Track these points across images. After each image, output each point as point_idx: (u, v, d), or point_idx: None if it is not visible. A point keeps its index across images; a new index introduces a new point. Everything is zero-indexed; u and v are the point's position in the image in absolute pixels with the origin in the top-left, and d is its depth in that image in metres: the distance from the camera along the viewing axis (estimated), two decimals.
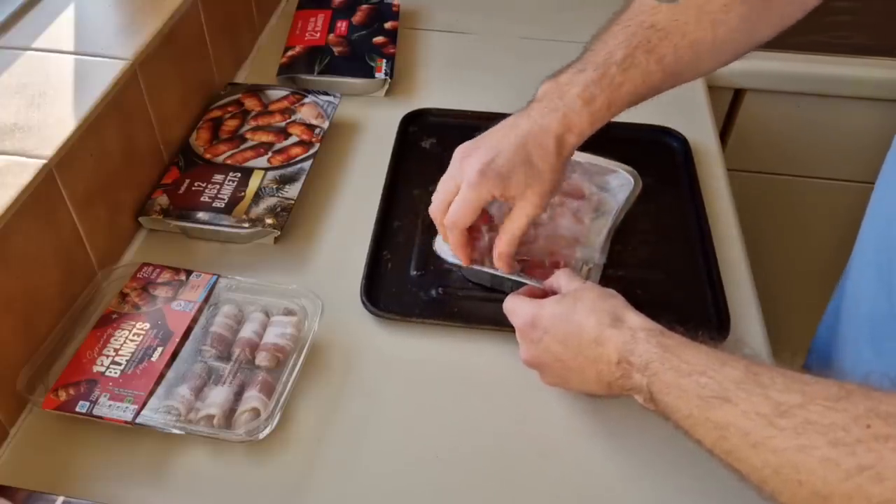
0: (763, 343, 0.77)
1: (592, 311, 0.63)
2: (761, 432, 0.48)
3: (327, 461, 0.67)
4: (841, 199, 1.36)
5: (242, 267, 0.82)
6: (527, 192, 0.69)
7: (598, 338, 0.61)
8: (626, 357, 0.59)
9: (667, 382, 0.56)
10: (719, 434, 0.51)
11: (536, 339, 0.66)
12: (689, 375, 0.54)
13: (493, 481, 0.66)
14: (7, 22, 0.83)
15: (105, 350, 0.70)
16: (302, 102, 0.99)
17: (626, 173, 0.85)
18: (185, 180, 0.87)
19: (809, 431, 0.46)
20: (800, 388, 0.48)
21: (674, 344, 0.58)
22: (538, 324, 0.65)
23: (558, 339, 0.64)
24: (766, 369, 0.51)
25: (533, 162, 0.69)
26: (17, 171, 0.67)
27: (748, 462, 0.49)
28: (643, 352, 0.58)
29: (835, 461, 0.44)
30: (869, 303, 0.68)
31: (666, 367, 0.56)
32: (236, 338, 0.72)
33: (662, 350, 0.57)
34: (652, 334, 0.59)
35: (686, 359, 0.56)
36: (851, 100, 1.23)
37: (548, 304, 0.66)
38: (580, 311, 0.63)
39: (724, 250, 0.85)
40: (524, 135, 0.70)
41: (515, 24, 1.21)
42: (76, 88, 0.77)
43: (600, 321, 0.62)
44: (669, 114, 1.01)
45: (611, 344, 0.60)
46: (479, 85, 1.09)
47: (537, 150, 0.69)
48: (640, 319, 0.62)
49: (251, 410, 0.66)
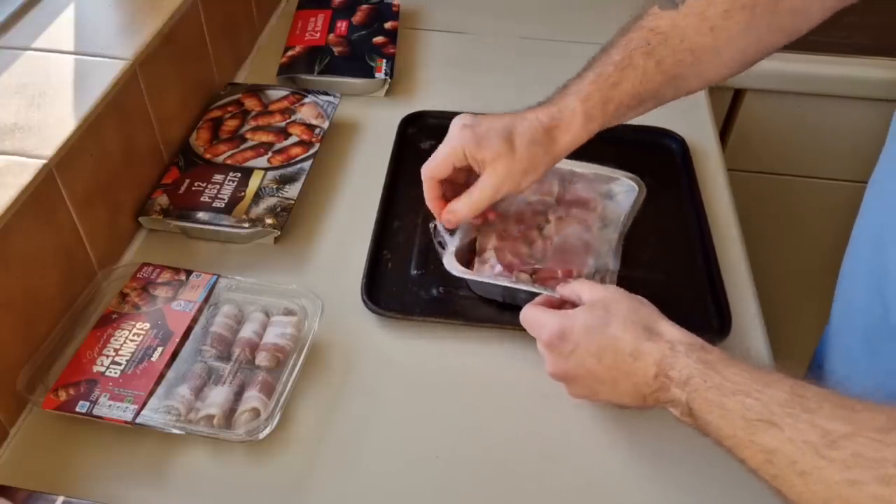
0: (763, 343, 0.77)
1: (627, 323, 0.62)
2: (809, 461, 0.47)
3: (327, 461, 0.67)
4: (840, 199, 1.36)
5: (242, 267, 0.82)
6: (496, 161, 0.70)
7: (634, 351, 0.60)
8: (666, 371, 0.58)
9: (709, 400, 0.55)
10: (765, 458, 0.50)
11: (567, 351, 0.64)
12: (734, 395, 0.53)
13: (494, 481, 0.66)
14: (7, 22, 0.83)
15: (105, 350, 0.70)
16: (302, 102, 0.99)
17: (629, 180, 0.85)
18: (185, 180, 0.87)
19: (859, 465, 0.45)
20: (847, 415, 0.48)
21: (715, 360, 0.57)
22: (568, 336, 0.63)
23: (591, 352, 0.62)
24: (812, 392, 0.50)
25: (512, 138, 0.70)
26: (17, 171, 0.67)
27: (795, 489, 0.49)
28: (683, 366, 0.57)
29: (887, 499, 0.44)
30: (862, 308, 0.67)
31: (708, 384, 0.55)
32: (236, 338, 0.72)
33: (704, 366, 0.56)
34: (692, 349, 0.58)
35: (729, 377, 0.54)
36: (851, 100, 1.23)
37: (579, 316, 0.64)
38: (614, 323, 0.62)
39: (724, 250, 0.85)
40: (516, 118, 0.72)
41: (515, 24, 1.21)
42: (76, 88, 0.77)
43: (637, 335, 0.61)
44: (669, 114, 1.00)
45: (649, 357, 0.59)
46: (479, 85, 1.09)
47: (521, 131, 0.71)
48: (678, 332, 0.61)
49: (251, 410, 0.66)
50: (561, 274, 0.76)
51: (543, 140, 0.71)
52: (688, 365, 0.57)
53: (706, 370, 0.56)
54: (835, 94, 1.23)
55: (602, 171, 0.86)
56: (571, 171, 0.85)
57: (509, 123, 0.72)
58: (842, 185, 1.34)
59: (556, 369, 0.66)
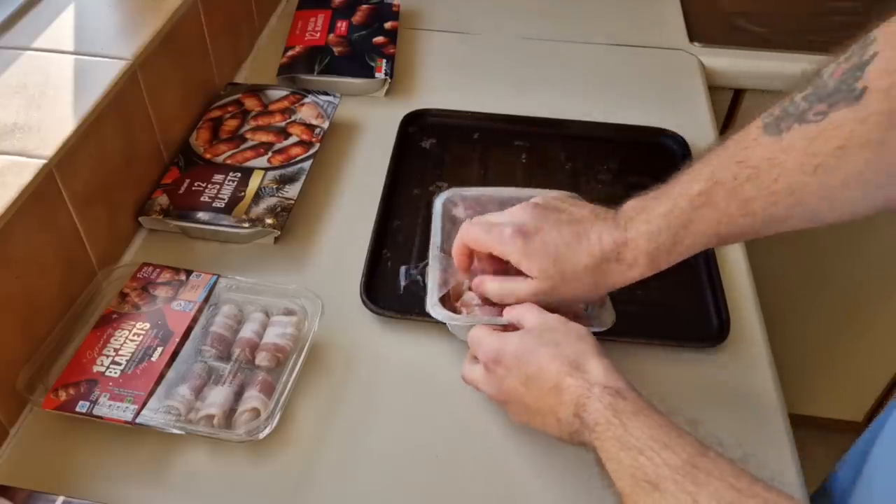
0: (763, 346, 0.77)
1: (556, 354, 0.59)
2: None
3: (327, 461, 0.67)
4: None
5: (242, 267, 0.82)
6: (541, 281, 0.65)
7: (556, 386, 0.58)
8: (580, 412, 0.56)
9: (607, 451, 0.53)
10: None
11: (500, 376, 0.63)
12: (629, 450, 0.52)
13: (494, 481, 0.66)
14: (7, 22, 0.83)
15: (105, 350, 0.70)
16: (302, 102, 0.99)
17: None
18: (185, 180, 0.87)
19: None
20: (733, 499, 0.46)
21: (626, 408, 0.54)
22: (501, 360, 0.63)
23: (521, 380, 0.61)
24: (711, 465, 0.49)
25: (564, 267, 0.64)
26: (17, 171, 0.67)
27: None
28: (594, 410, 0.55)
29: None
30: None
31: (609, 434, 0.54)
32: (236, 338, 0.72)
33: (612, 413, 0.54)
34: (607, 392, 0.56)
35: (631, 430, 0.53)
36: None
37: (512, 341, 0.62)
38: (543, 353, 0.60)
39: (724, 251, 0.85)
40: (576, 233, 0.65)
41: (515, 24, 1.21)
42: (76, 88, 0.77)
43: (561, 369, 0.58)
44: (669, 114, 1.01)
45: (567, 394, 0.57)
46: (479, 85, 1.09)
47: (576, 258, 0.64)
48: (602, 371, 0.58)
49: (251, 410, 0.66)
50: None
51: (597, 272, 0.64)
52: (597, 410, 0.55)
53: (612, 419, 0.54)
54: None
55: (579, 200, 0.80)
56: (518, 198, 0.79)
57: (567, 243, 0.64)
58: None
59: (491, 391, 0.65)
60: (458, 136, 0.99)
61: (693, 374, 0.74)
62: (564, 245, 0.64)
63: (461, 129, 0.99)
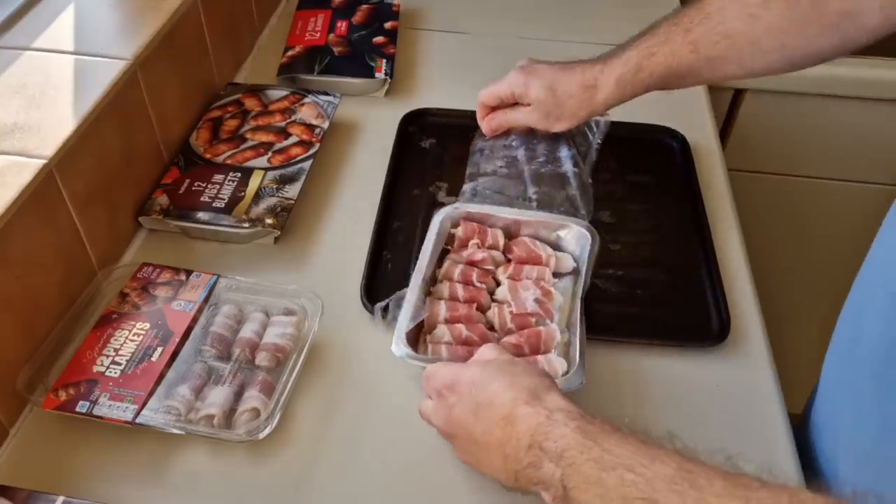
0: (763, 344, 0.77)
1: (513, 384, 0.56)
2: None
3: (327, 461, 0.67)
4: (840, 199, 1.36)
5: (242, 267, 0.82)
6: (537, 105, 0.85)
7: (509, 415, 0.54)
8: (539, 441, 0.51)
9: (585, 476, 0.48)
10: None
11: (450, 403, 0.59)
12: (614, 469, 0.47)
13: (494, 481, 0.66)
14: (7, 22, 0.83)
15: (105, 350, 0.70)
16: (302, 102, 0.99)
17: (579, 227, 0.79)
18: (185, 180, 0.87)
19: None
20: (742, 494, 0.43)
21: (596, 430, 0.50)
22: (455, 387, 0.59)
23: (470, 408, 0.57)
24: (702, 468, 0.46)
25: (555, 88, 0.83)
26: (17, 171, 0.67)
27: None
28: (559, 436, 0.51)
29: None
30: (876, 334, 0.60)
31: (585, 456, 0.49)
32: (236, 338, 0.72)
33: (582, 436, 0.50)
34: (571, 416, 0.52)
35: (610, 449, 0.49)
36: (852, 100, 1.23)
37: (469, 370, 0.60)
38: (500, 381, 0.56)
39: (724, 250, 0.85)
40: (564, 70, 0.83)
41: (515, 24, 1.21)
42: (76, 88, 0.77)
43: (516, 397, 0.54)
44: (669, 113, 1.01)
45: (523, 424, 0.53)
46: (480, 85, 1.08)
47: (564, 85, 0.83)
48: (563, 401, 0.54)
49: (251, 410, 0.66)
50: (528, 350, 0.70)
51: (581, 95, 0.82)
52: (564, 434, 0.51)
53: (585, 440, 0.50)
54: (835, 95, 1.22)
55: (548, 217, 0.81)
56: (516, 220, 0.80)
57: (556, 75, 0.83)
58: (841, 185, 1.34)
59: (439, 421, 0.61)
60: (457, 135, 0.99)
61: (693, 374, 0.74)
62: (554, 75, 0.84)
63: (461, 129, 0.98)
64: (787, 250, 1.43)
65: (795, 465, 0.67)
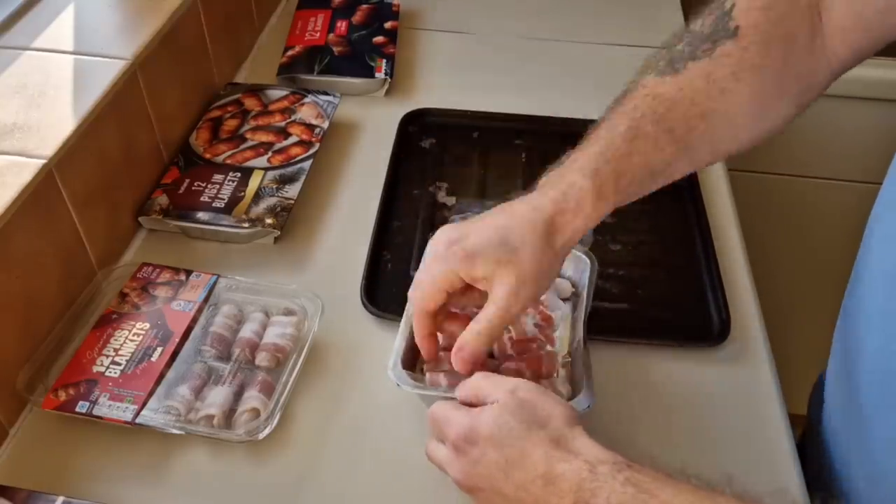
0: (763, 345, 0.77)
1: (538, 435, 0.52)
2: None
3: (327, 461, 0.67)
4: (841, 199, 1.36)
5: (242, 267, 0.82)
6: (502, 272, 0.57)
7: (546, 474, 0.50)
8: (587, 500, 0.48)
9: None
10: None
11: (472, 459, 0.54)
12: None
13: None
14: (7, 22, 0.83)
15: (105, 350, 0.70)
16: (302, 102, 0.99)
17: (576, 252, 0.75)
18: (185, 180, 0.87)
19: None
20: None
21: (648, 481, 0.47)
22: (475, 440, 0.53)
23: (500, 465, 0.52)
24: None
25: (509, 241, 0.58)
26: (17, 171, 0.67)
27: None
28: (610, 492, 0.47)
29: None
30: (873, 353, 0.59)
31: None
32: (236, 338, 0.72)
33: (636, 490, 0.47)
34: (618, 469, 0.48)
35: (669, 500, 0.46)
36: (851, 100, 1.23)
37: (484, 418, 0.54)
38: (523, 432, 0.52)
39: (724, 250, 0.85)
40: (508, 215, 0.60)
41: (516, 24, 1.21)
42: (76, 88, 0.77)
43: (548, 453, 0.51)
44: None
45: (564, 484, 0.49)
46: (479, 85, 1.09)
47: (519, 230, 0.58)
48: (596, 447, 0.51)
49: (251, 410, 0.66)
50: (529, 375, 0.66)
51: (546, 231, 0.59)
52: (615, 491, 0.47)
53: (639, 495, 0.47)
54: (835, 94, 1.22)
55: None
56: None
57: (502, 225, 0.59)
58: (842, 185, 1.34)
59: (462, 477, 0.55)
60: (457, 135, 0.99)
61: (693, 374, 0.74)
62: (500, 231, 0.59)
63: (461, 129, 0.99)
64: (787, 250, 1.43)
65: (795, 466, 0.67)
